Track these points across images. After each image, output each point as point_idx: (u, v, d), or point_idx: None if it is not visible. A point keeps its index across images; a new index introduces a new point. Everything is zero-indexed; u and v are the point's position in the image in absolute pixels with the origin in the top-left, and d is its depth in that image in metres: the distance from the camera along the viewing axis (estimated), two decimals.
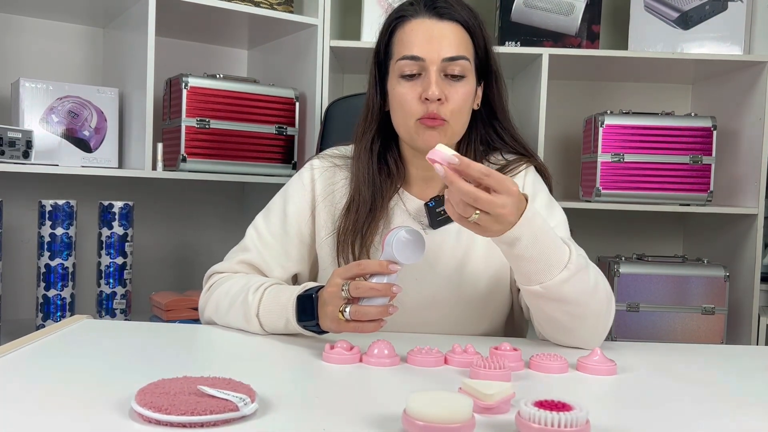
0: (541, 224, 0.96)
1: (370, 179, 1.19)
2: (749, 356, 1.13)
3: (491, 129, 1.24)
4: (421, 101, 1.12)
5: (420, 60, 1.12)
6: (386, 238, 0.97)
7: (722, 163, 2.20)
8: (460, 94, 1.12)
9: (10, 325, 1.82)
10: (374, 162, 1.20)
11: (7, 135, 1.70)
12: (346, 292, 0.96)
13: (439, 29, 1.13)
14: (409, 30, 1.14)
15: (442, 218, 1.19)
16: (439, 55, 1.11)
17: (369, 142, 1.21)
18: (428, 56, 1.11)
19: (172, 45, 2.21)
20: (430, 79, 1.11)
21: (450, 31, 1.13)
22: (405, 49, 1.13)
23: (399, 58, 1.14)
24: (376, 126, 1.21)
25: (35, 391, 0.76)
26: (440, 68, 1.11)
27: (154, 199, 2.20)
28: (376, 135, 1.22)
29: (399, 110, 1.15)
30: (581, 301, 1.01)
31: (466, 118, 1.17)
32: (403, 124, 1.15)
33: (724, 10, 2.12)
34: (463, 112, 1.15)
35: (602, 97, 2.48)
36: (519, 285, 1.03)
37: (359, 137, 1.23)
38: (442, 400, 0.66)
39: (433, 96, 1.10)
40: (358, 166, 1.21)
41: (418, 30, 1.13)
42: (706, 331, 2.05)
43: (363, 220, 1.18)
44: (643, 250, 2.29)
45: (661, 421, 0.74)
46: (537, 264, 0.97)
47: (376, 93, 1.21)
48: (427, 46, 1.11)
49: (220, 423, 0.66)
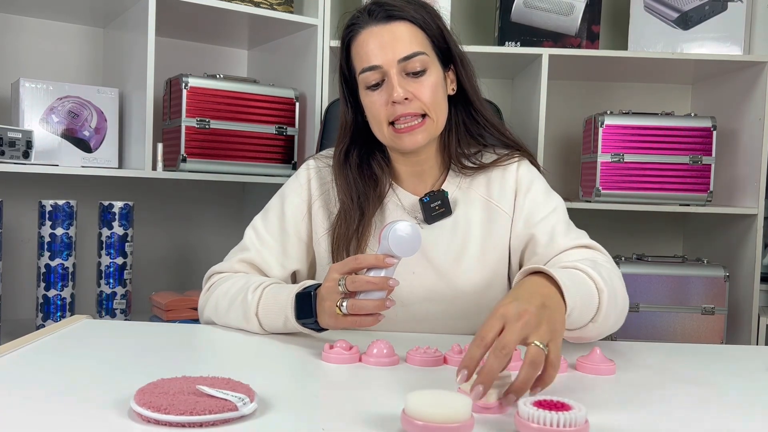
0: (570, 284, 0.90)
1: (351, 189, 1.21)
2: (749, 356, 1.13)
3: (467, 113, 1.25)
4: (390, 105, 1.14)
5: (378, 68, 1.14)
6: (382, 232, 0.97)
7: (722, 163, 2.20)
8: (426, 87, 1.14)
9: (10, 325, 1.82)
10: (353, 171, 1.23)
11: (7, 135, 1.70)
12: (343, 286, 0.97)
13: (389, 32, 1.14)
14: (361, 42, 1.17)
15: (437, 213, 1.20)
16: (395, 57, 1.13)
17: (342, 154, 1.24)
18: (384, 62, 1.13)
19: (172, 45, 2.21)
20: (392, 83, 1.13)
21: (400, 31, 1.14)
22: (363, 62, 1.16)
23: (360, 71, 1.16)
24: (350, 137, 1.24)
25: (35, 391, 0.76)
26: (399, 69, 1.13)
27: (154, 199, 2.20)
28: (351, 146, 1.24)
29: (373, 119, 1.18)
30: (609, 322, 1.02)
31: (444, 105, 1.19)
32: (379, 132, 1.18)
33: (723, 10, 2.12)
34: (439, 102, 1.16)
35: (602, 98, 2.48)
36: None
37: (335, 150, 1.26)
38: (441, 400, 0.66)
39: (398, 98, 1.12)
40: (337, 177, 1.23)
41: (369, 39, 1.15)
42: (706, 331, 2.05)
43: (355, 227, 1.19)
44: (642, 250, 2.29)
45: (661, 421, 0.74)
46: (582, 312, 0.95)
47: (347, 107, 1.24)
48: (381, 53, 1.13)
49: (219, 423, 0.66)
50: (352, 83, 1.22)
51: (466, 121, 1.25)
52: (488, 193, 1.23)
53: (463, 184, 1.23)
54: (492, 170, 1.24)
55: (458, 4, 2.36)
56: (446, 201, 1.20)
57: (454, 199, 1.22)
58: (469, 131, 1.25)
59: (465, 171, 1.23)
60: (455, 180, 1.24)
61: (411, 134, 1.14)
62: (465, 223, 1.21)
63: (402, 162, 1.24)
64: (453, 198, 1.22)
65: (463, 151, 1.24)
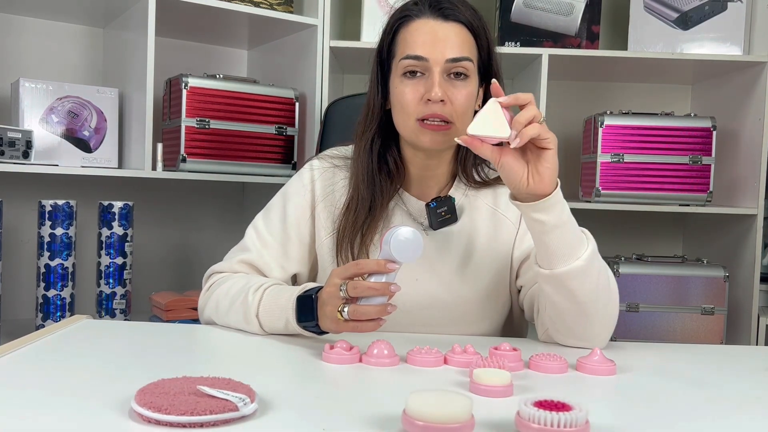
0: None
1: (369, 178, 1.19)
2: (749, 356, 1.13)
3: None
4: (423, 102, 1.11)
5: (424, 60, 1.11)
6: (384, 237, 0.97)
7: (722, 164, 2.20)
8: (463, 95, 1.12)
9: (10, 325, 1.82)
10: (374, 161, 1.20)
11: (7, 135, 1.70)
12: (344, 291, 0.96)
13: (444, 30, 1.13)
14: (413, 30, 1.14)
15: (443, 219, 1.19)
16: (443, 55, 1.11)
17: (369, 142, 1.21)
18: (432, 57, 1.11)
19: (172, 45, 2.21)
20: (433, 80, 1.11)
21: (454, 32, 1.13)
22: (409, 49, 1.13)
23: (402, 57, 1.13)
24: (377, 125, 1.21)
25: (35, 391, 0.76)
26: (444, 69, 1.11)
27: (154, 199, 2.20)
28: (376, 134, 1.21)
29: (400, 109, 1.15)
30: (601, 284, 1.04)
31: (470, 117, 1.16)
32: (403, 123, 1.15)
33: (723, 10, 2.12)
34: (468, 113, 1.14)
35: (602, 98, 2.48)
36: (540, 269, 1.03)
37: (359, 136, 1.23)
38: (441, 400, 0.66)
39: (435, 97, 1.10)
40: (358, 165, 1.21)
41: (422, 30, 1.13)
42: (706, 332, 2.05)
43: (363, 220, 1.18)
44: (642, 250, 2.29)
45: (661, 421, 0.74)
46: (567, 242, 1.00)
47: (377, 92, 1.21)
48: (431, 47, 1.11)
49: (219, 423, 0.66)
50: (386, 69, 1.19)
51: None
52: (495, 203, 1.22)
53: (469, 192, 1.23)
54: (498, 185, 1.23)
55: None
56: (453, 207, 1.19)
57: (460, 207, 1.21)
58: None
59: (472, 184, 1.23)
60: (462, 189, 1.23)
61: (434, 133, 1.12)
62: (470, 231, 1.20)
63: (414, 163, 1.22)
64: (459, 205, 1.21)
65: (476, 166, 1.23)
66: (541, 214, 0.98)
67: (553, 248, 1.00)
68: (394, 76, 1.16)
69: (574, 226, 1.02)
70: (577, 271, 1.00)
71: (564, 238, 1.00)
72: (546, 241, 1.00)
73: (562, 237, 1.00)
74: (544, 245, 1.01)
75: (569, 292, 1.02)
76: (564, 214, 1.00)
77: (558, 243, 1.00)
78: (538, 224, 0.99)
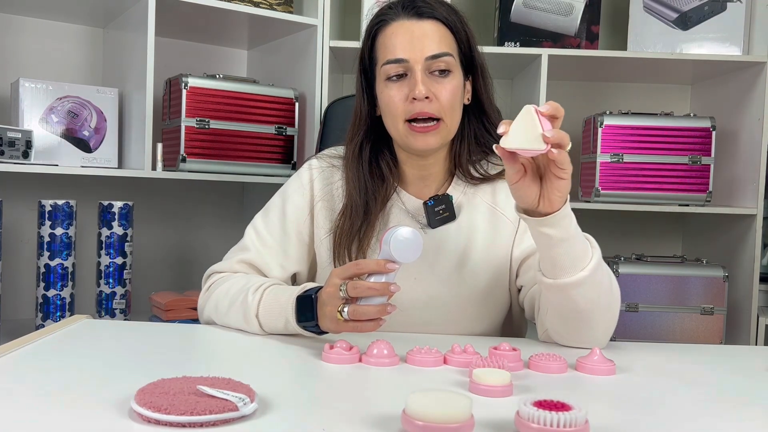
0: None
1: (361, 184, 1.20)
2: (748, 356, 1.13)
3: (481, 124, 1.24)
4: (409, 101, 1.12)
5: (404, 61, 1.13)
6: (384, 237, 0.97)
7: (721, 164, 2.21)
8: (448, 90, 1.13)
9: (10, 325, 1.82)
10: (364, 167, 1.21)
11: (6, 135, 1.70)
12: (344, 292, 0.96)
13: (420, 28, 1.14)
14: (390, 33, 1.15)
15: (441, 217, 1.19)
16: (422, 53, 1.12)
17: (357, 148, 1.22)
18: (411, 56, 1.12)
19: (172, 45, 2.21)
20: (416, 79, 1.12)
21: (431, 30, 1.14)
22: (388, 53, 1.14)
23: (384, 62, 1.15)
24: (364, 131, 1.22)
25: (35, 391, 0.76)
26: (425, 67, 1.12)
27: (154, 199, 2.20)
28: (364, 140, 1.23)
29: (388, 113, 1.16)
30: (603, 290, 1.03)
31: (459, 113, 1.18)
32: (393, 127, 1.16)
33: (723, 10, 2.12)
34: (455, 107, 1.16)
35: (601, 98, 2.48)
36: (544, 278, 1.02)
37: (348, 143, 1.25)
38: (441, 400, 0.66)
39: (420, 95, 1.11)
40: (348, 172, 1.22)
41: (399, 32, 1.14)
42: (705, 331, 2.05)
43: (359, 225, 1.18)
44: (642, 250, 2.29)
45: (660, 421, 0.74)
46: (573, 255, 0.98)
47: (363, 99, 1.22)
48: (409, 47, 1.13)
49: (219, 423, 0.66)
50: (371, 76, 1.21)
51: (478, 133, 1.24)
52: (494, 201, 1.22)
53: (468, 190, 1.23)
54: (497, 181, 1.23)
55: (458, 5, 2.36)
56: (450, 205, 1.20)
57: (458, 204, 1.21)
58: (479, 142, 1.24)
59: (471, 181, 1.23)
60: (460, 186, 1.23)
61: (425, 135, 1.13)
62: (469, 229, 1.20)
63: (409, 164, 1.23)
64: (458, 203, 1.21)
65: (472, 161, 1.23)
66: (548, 228, 0.97)
67: (559, 261, 0.99)
68: (378, 81, 1.18)
69: (581, 236, 1.01)
70: (582, 281, 0.99)
71: (570, 250, 0.98)
72: (552, 254, 0.99)
73: (569, 250, 0.98)
74: (550, 258, 1.00)
75: (572, 300, 1.01)
76: (571, 227, 0.98)
77: (564, 256, 0.98)
78: (545, 237, 0.98)
